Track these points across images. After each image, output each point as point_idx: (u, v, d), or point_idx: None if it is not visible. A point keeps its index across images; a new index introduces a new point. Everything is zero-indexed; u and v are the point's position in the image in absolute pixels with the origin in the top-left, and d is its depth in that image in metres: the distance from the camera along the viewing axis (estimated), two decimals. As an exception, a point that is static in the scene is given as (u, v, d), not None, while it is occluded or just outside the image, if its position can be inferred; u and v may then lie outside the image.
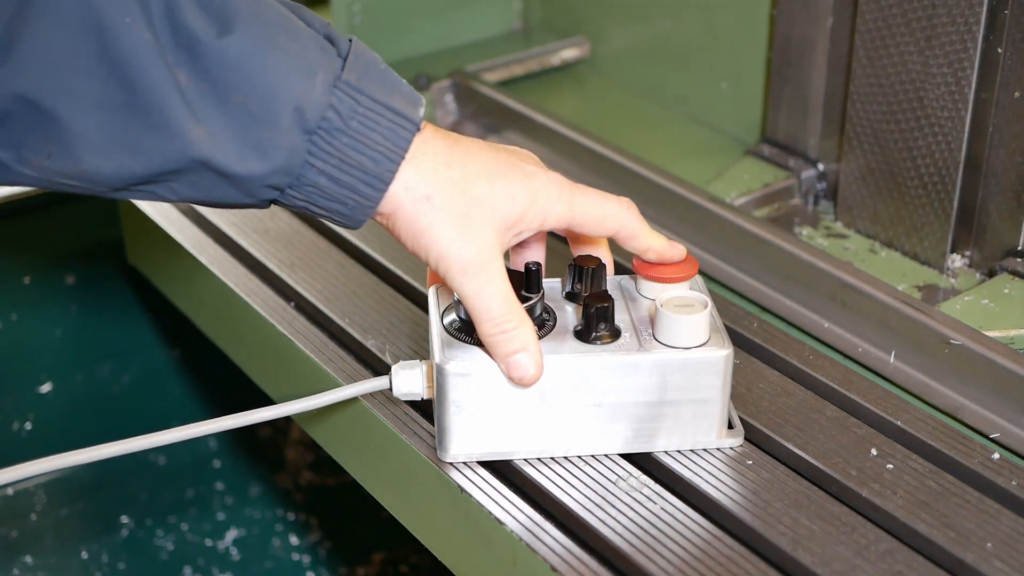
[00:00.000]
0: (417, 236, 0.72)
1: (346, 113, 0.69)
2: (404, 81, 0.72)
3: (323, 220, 0.72)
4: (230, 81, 0.67)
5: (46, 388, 1.37)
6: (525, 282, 0.78)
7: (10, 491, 1.37)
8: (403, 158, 0.71)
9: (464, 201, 0.72)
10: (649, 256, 0.80)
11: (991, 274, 0.99)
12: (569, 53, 1.40)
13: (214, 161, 0.67)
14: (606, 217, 0.77)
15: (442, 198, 0.72)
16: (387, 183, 0.71)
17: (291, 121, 0.68)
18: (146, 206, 1.15)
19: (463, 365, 0.76)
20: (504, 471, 0.80)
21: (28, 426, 1.36)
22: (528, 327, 0.75)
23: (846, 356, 0.93)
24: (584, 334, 0.78)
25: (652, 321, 0.79)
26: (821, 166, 1.13)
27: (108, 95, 0.65)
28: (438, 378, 0.77)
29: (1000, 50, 0.94)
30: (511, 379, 0.76)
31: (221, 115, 0.67)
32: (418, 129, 0.72)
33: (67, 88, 0.65)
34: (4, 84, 0.64)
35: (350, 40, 0.72)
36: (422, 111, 0.72)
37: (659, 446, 0.80)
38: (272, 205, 0.73)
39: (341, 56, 0.70)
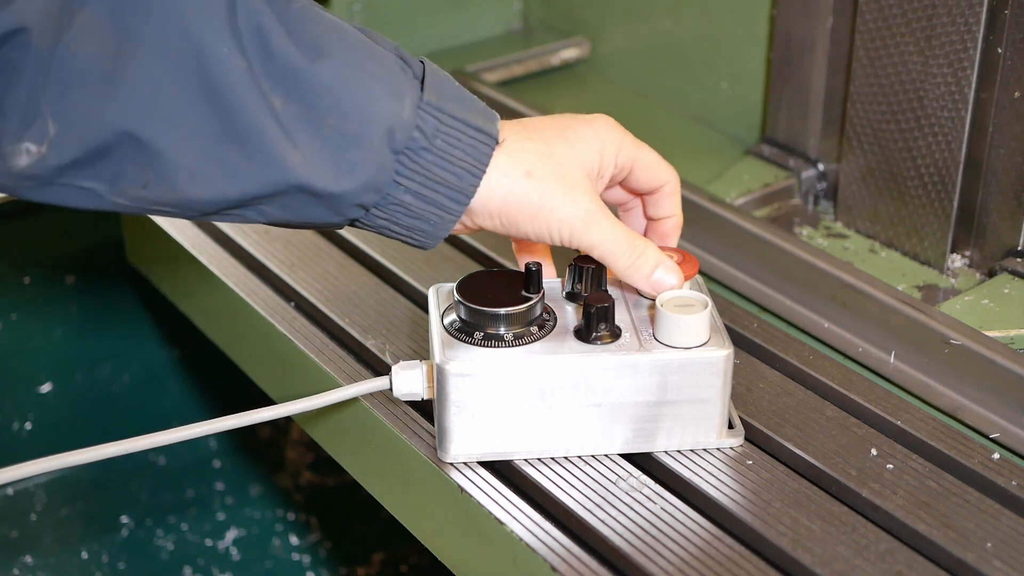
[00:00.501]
0: (535, 215, 0.75)
1: (430, 132, 0.71)
2: (476, 97, 0.75)
3: (398, 241, 0.75)
4: (325, 105, 0.69)
5: (46, 388, 1.37)
6: (525, 282, 0.78)
7: (10, 491, 1.37)
8: (484, 172, 0.73)
9: (556, 164, 0.75)
10: (670, 224, 0.83)
11: (991, 274, 0.99)
12: (569, 53, 1.40)
13: (310, 183, 0.69)
14: (661, 167, 0.81)
15: (540, 169, 0.75)
16: (469, 197, 0.73)
17: (382, 142, 0.70)
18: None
19: (464, 365, 0.76)
20: (504, 471, 0.80)
21: (28, 426, 1.36)
22: (651, 244, 0.79)
23: (846, 356, 0.93)
24: (584, 334, 0.78)
25: (652, 321, 0.79)
26: (821, 166, 1.13)
27: (207, 124, 0.67)
28: (439, 378, 0.77)
29: (1000, 50, 0.94)
30: (659, 292, 0.79)
31: (316, 138, 0.69)
32: (497, 143, 0.74)
33: (167, 120, 0.66)
34: (110, 119, 0.66)
35: (421, 61, 0.74)
36: (498, 125, 0.74)
37: (659, 446, 0.80)
38: (351, 225, 0.74)
39: (417, 77, 0.72)
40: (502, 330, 0.77)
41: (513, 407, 0.77)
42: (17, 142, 0.66)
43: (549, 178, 0.75)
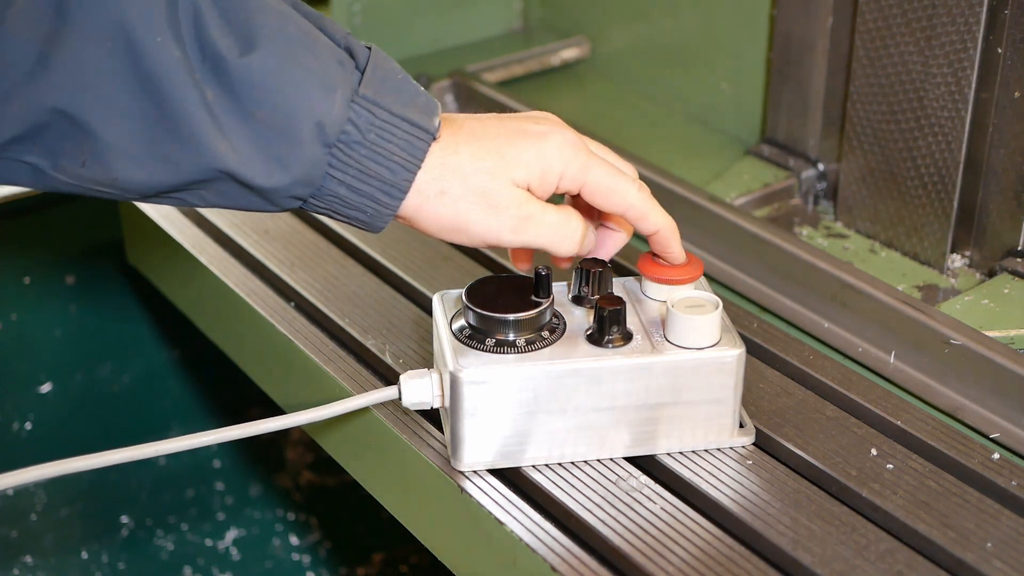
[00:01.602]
0: (449, 228, 0.75)
1: (364, 126, 0.71)
2: (421, 89, 0.74)
3: (345, 224, 0.74)
4: (254, 98, 0.69)
5: (46, 388, 1.37)
6: (535, 286, 0.78)
7: (10, 491, 1.37)
8: (419, 167, 0.73)
9: (478, 181, 0.74)
10: (657, 240, 0.80)
11: (991, 274, 0.99)
12: (569, 53, 1.40)
13: (239, 174, 0.70)
14: (613, 193, 0.77)
15: (456, 187, 0.74)
16: (404, 191, 0.73)
17: (312, 136, 0.70)
18: (146, 206, 1.15)
19: (478, 373, 0.75)
20: (505, 472, 0.80)
21: (28, 426, 1.36)
22: (574, 215, 0.77)
23: (846, 356, 0.93)
24: (597, 337, 0.77)
25: (663, 322, 0.79)
26: (821, 166, 1.13)
27: (139, 109, 0.67)
28: (452, 387, 0.76)
29: (1000, 50, 0.94)
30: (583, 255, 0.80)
31: (245, 130, 0.69)
32: (434, 138, 0.73)
33: (100, 102, 0.67)
34: (42, 97, 0.66)
35: (369, 48, 0.73)
36: (437, 120, 0.73)
37: (673, 447, 0.80)
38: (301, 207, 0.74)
39: (359, 69, 0.72)
40: (514, 336, 0.77)
41: (527, 413, 0.77)
42: None
43: (467, 196, 0.74)
